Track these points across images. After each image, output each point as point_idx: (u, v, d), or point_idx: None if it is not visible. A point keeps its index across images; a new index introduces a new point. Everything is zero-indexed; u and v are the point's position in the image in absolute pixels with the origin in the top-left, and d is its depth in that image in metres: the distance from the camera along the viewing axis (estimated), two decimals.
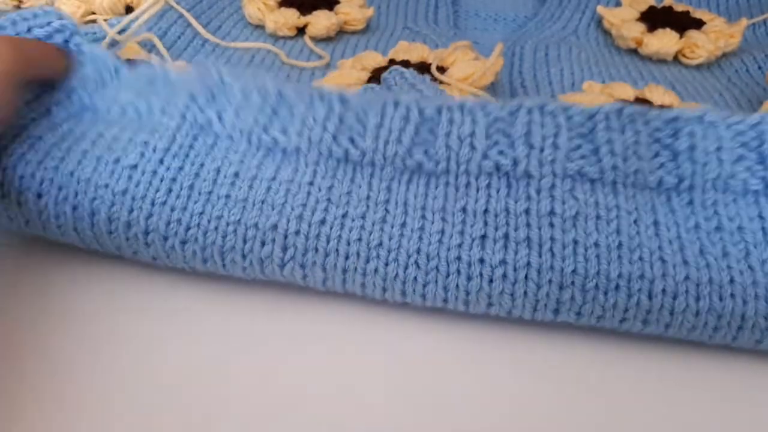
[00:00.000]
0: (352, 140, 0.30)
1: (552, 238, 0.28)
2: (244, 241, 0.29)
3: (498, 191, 0.29)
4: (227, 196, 0.30)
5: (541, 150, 0.29)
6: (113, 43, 0.44)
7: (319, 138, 0.30)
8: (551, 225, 0.28)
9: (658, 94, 0.43)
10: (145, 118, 0.32)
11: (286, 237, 0.29)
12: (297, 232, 0.29)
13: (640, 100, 0.43)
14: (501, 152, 0.29)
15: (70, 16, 0.35)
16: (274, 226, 0.29)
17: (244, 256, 0.30)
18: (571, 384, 0.29)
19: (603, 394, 0.28)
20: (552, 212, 0.28)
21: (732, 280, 0.27)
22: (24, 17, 0.34)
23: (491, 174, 0.29)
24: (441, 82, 0.41)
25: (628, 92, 0.44)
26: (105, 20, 0.48)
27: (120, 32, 0.45)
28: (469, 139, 0.29)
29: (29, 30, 0.33)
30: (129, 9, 0.52)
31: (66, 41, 0.34)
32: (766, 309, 0.27)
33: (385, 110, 0.30)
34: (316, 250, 0.29)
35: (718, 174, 0.29)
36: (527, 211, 0.28)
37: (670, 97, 0.43)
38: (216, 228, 0.29)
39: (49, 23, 0.34)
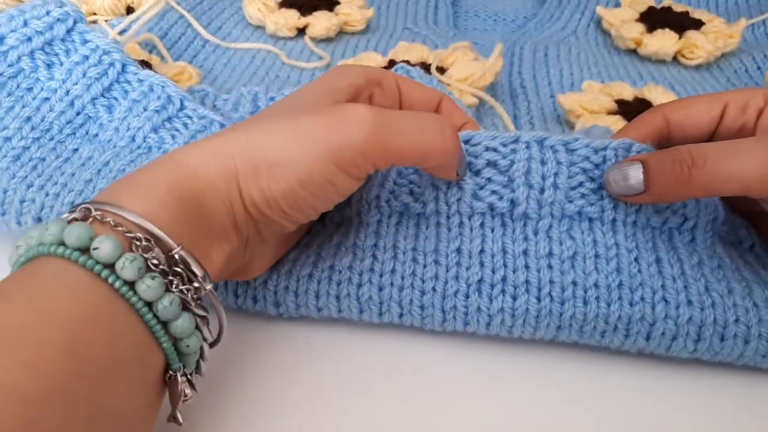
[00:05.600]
0: None
1: (551, 281, 0.26)
2: (236, 297, 0.29)
3: (493, 230, 0.28)
4: None
5: (541, 191, 0.27)
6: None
7: None
8: (550, 267, 0.27)
9: (657, 94, 0.43)
10: None
11: (276, 293, 0.29)
12: (286, 288, 0.29)
13: (640, 100, 0.43)
14: (494, 192, 0.28)
15: (74, 3, 0.33)
16: (264, 282, 0.29)
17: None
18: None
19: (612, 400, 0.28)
20: (550, 253, 0.27)
21: (737, 320, 0.26)
22: (21, 10, 0.32)
23: (484, 214, 0.28)
24: (441, 83, 0.41)
25: (627, 92, 0.44)
26: (106, 21, 0.48)
27: (121, 33, 0.46)
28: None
29: (26, 24, 0.32)
30: (130, 10, 0.52)
31: (69, 31, 0.32)
32: (765, 348, 0.26)
33: None
34: (307, 306, 0.29)
35: (715, 216, 0.28)
36: (525, 252, 0.27)
37: (669, 98, 0.43)
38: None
39: (48, 13, 0.32)
